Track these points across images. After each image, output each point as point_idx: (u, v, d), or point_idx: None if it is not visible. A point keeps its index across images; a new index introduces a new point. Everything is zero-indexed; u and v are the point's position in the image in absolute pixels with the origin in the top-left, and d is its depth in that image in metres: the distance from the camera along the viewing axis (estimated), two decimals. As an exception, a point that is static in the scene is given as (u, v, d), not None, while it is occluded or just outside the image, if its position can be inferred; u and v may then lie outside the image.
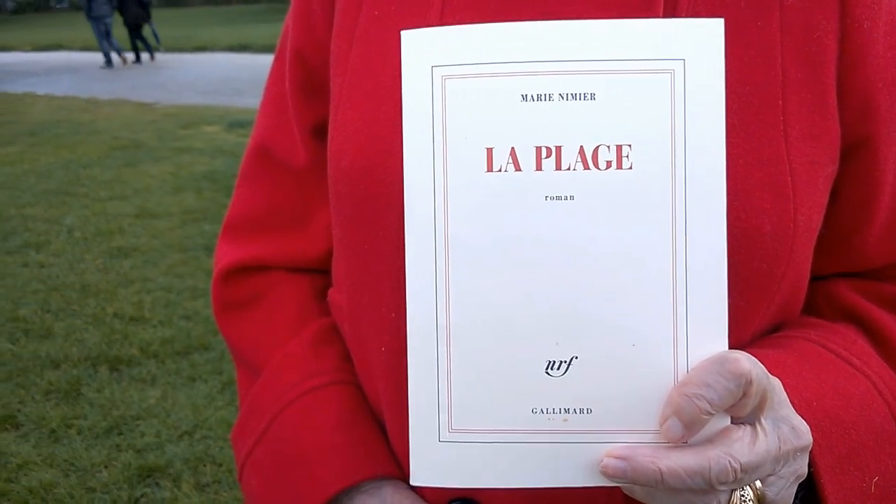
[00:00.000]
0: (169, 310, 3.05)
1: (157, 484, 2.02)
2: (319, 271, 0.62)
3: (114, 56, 13.46)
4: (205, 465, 2.08)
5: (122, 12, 13.20)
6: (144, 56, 13.92)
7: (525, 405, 0.40)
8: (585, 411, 0.39)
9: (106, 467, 2.10)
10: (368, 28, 0.49)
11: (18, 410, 2.39)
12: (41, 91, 10.25)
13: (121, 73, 12.01)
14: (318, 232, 0.60)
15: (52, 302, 3.19)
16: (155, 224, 4.15)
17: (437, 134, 0.39)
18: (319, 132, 0.57)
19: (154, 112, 7.99)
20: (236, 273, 0.61)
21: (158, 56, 14.47)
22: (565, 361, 0.39)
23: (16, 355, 2.74)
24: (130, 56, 13.77)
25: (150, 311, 3.04)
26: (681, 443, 0.38)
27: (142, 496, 1.98)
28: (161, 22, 26.48)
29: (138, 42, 13.72)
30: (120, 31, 13.85)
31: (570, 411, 0.39)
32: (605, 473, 0.39)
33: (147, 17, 13.72)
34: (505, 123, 0.39)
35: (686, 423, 0.37)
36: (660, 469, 0.37)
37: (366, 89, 0.48)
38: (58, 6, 47.75)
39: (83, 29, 23.54)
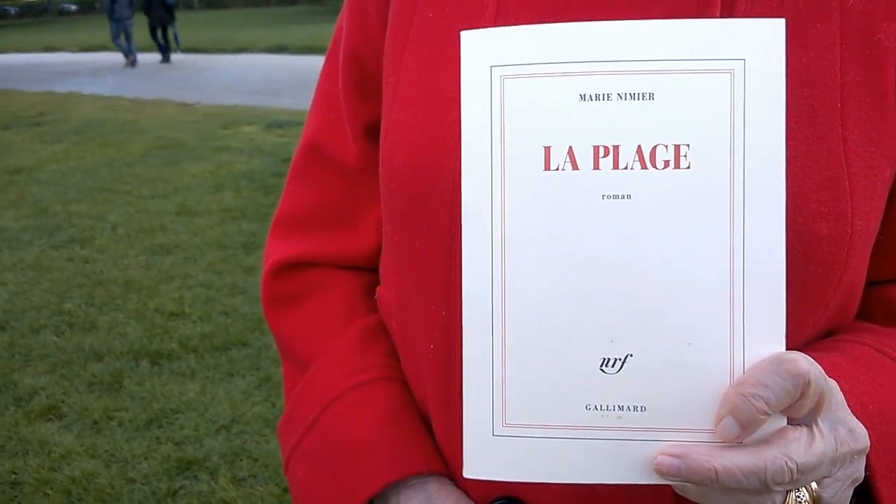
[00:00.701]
0: (208, 306, 3.11)
1: (195, 477, 2.06)
2: (367, 269, 0.63)
3: (121, 56, 13.99)
4: (241, 460, 2.11)
5: (147, 14, 13.67)
6: (149, 56, 14.31)
7: (579, 401, 0.40)
8: (640, 409, 0.40)
9: (146, 459, 2.15)
10: (423, 29, 0.50)
11: (62, 401, 2.46)
12: (87, 91, 10.52)
13: (164, 74, 12.26)
14: (367, 230, 0.60)
15: (96, 296, 3.27)
16: (195, 222, 4.23)
17: (495, 133, 0.40)
18: (371, 132, 0.57)
19: (195, 112, 8.14)
20: (286, 269, 0.62)
21: (197, 57, 14.77)
22: (620, 359, 0.40)
23: (60, 348, 2.82)
24: (143, 57, 14.21)
25: (190, 307, 3.10)
26: (736, 443, 0.38)
27: (180, 488, 2.02)
28: (202, 24, 26.99)
29: (160, 42, 14.19)
30: (141, 34, 14.24)
31: (625, 408, 0.40)
32: (659, 471, 0.39)
33: (171, 20, 14.17)
34: (563, 123, 0.39)
35: (742, 423, 0.37)
36: (715, 468, 0.37)
37: (419, 90, 0.49)
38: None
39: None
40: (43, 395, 2.48)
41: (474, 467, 0.42)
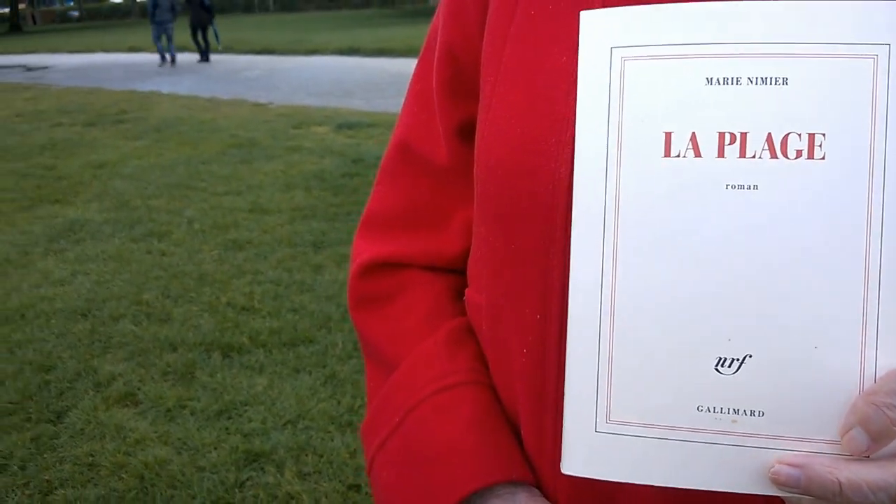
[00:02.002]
0: (277, 302, 3.17)
1: (261, 469, 2.10)
2: (455, 271, 0.62)
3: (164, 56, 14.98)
4: (307, 455, 2.13)
5: (190, 15, 14.59)
6: (184, 56, 15.22)
7: (691, 402, 0.38)
8: (757, 413, 0.37)
9: (215, 448, 2.20)
10: (523, 28, 0.49)
11: (138, 389, 2.54)
12: (166, 90, 10.93)
13: (239, 75, 12.63)
14: (457, 231, 0.60)
15: (172, 288, 3.38)
16: (266, 219, 4.33)
17: (613, 116, 0.38)
18: (464, 131, 0.56)
19: (268, 112, 8.35)
20: (373, 269, 0.62)
21: (274, 58, 15.28)
22: (738, 359, 0.37)
23: (138, 337, 2.92)
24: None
25: (260, 303, 3.16)
26: (863, 456, 0.35)
27: (247, 479, 2.06)
28: (276, 26, 27.72)
29: (200, 42, 14.94)
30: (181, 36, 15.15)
31: (740, 412, 0.37)
32: (776, 481, 0.36)
33: (210, 20, 14.92)
34: (686, 107, 0.37)
35: (872, 435, 0.34)
36: (839, 480, 0.34)
37: (519, 88, 0.48)
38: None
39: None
40: (120, 382, 2.58)
41: (573, 464, 0.40)
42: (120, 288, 3.43)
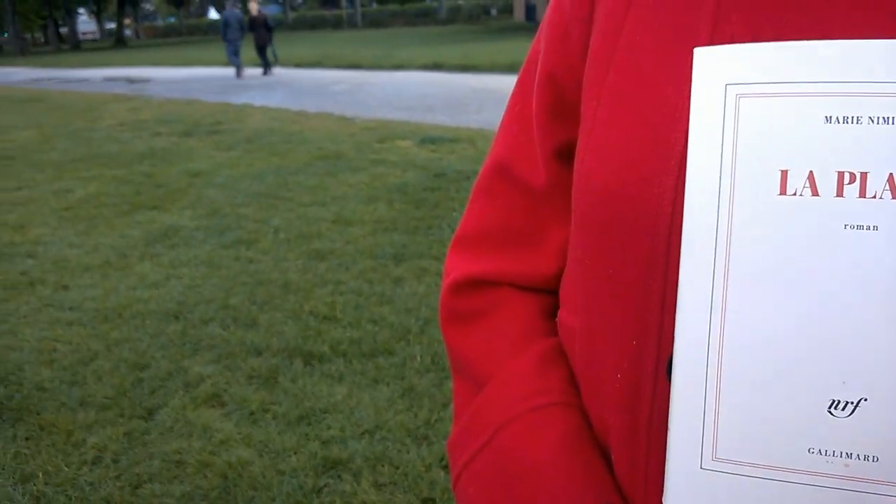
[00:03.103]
0: (358, 312, 3.23)
1: (339, 476, 2.14)
2: (548, 291, 0.62)
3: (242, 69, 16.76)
4: (383, 466, 2.16)
5: (253, 35, 16.42)
6: (247, 70, 17.03)
7: (801, 443, 0.37)
8: (871, 458, 0.36)
9: (295, 453, 2.25)
10: (629, 54, 0.49)
11: (224, 391, 2.64)
12: (258, 103, 11.38)
13: (327, 89, 13.02)
14: (551, 252, 0.60)
15: (258, 295, 3.50)
16: (350, 230, 4.43)
17: (726, 153, 0.38)
18: (563, 154, 0.57)
19: (354, 125, 8.56)
20: (466, 286, 0.62)
21: (361, 74, 15.77)
22: (852, 402, 0.36)
23: (225, 340, 3.04)
24: (253, 71, 17.02)
25: (342, 312, 3.24)
26: None
27: (325, 486, 2.10)
28: (364, 41, 28.44)
29: (263, 58, 16.64)
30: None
31: (853, 456, 0.36)
32: None
33: (269, 40, 16.55)
34: (804, 145, 0.36)
35: None
36: None
37: (622, 113, 0.48)
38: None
39: (298, 47, 25.85)
40: (208, 383, 2.68)
41: (676, 500, 0.40)
42: (209, 292, 3.58)
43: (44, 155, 7.81)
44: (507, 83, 13.14)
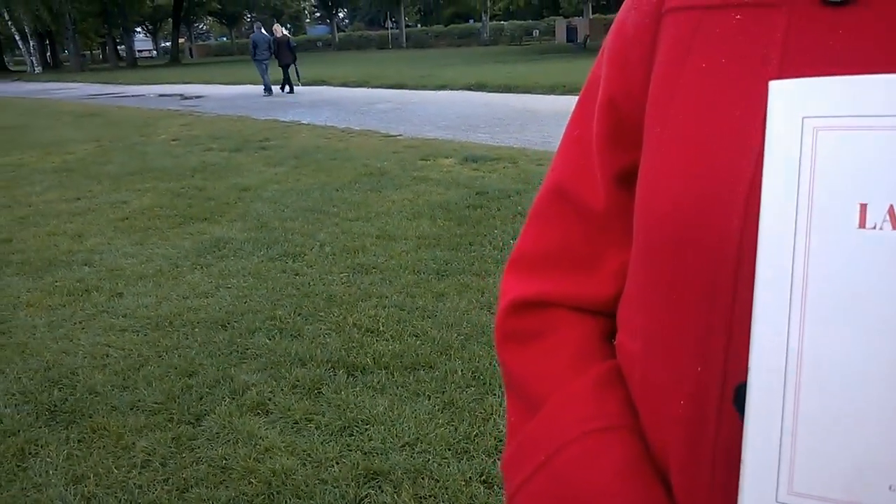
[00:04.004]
0: (400, 326, 3.26)
1: (379, 487, 2.15)
2: (605, 314, 0.62)
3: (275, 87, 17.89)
4: (423, 479, 2.17)
5: (277, 56, 17.50)
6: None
7: (883, 479, 0.36)
8: None
9: (337, 463, 2.28)
10: (694, 80, 0.49)
11: (269, 399, 2.69)
12: (305, 120, 11.61)
13: (372, 107, 13.20)
14: (609, 275, 0.60)
15: (304, 307, 3.56)
16: (393, 246, 4.47)
17: (803, 186, 0.38)
18: (624, 178, 0.57)
19: (398, 143, 8.66)
20: (523, 307, 0.63)
21: (405, 93, 16.00)
22: None
23: (271, 350, 3.10)
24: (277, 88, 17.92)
25: (384, 326, 3.27)
26: None
27: (366, 496, 2.12)
28: (409, 61, 28.77)
29: (287, 77, 17.67)
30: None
31: None
32: None
33: (293, 60, 17.59)
34: (884, 179, 0.36)
35: None
36: None
37: (687, 141, 0.48)
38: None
39: (344, 67, 26.28)
40: (254, 392, 2.74)
41: None
42: (257, 303, 3.65)
43: (101, 167, 8.08)
44: (548, 104, 13.15)
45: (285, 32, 18.27)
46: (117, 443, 2.45)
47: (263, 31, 18.20)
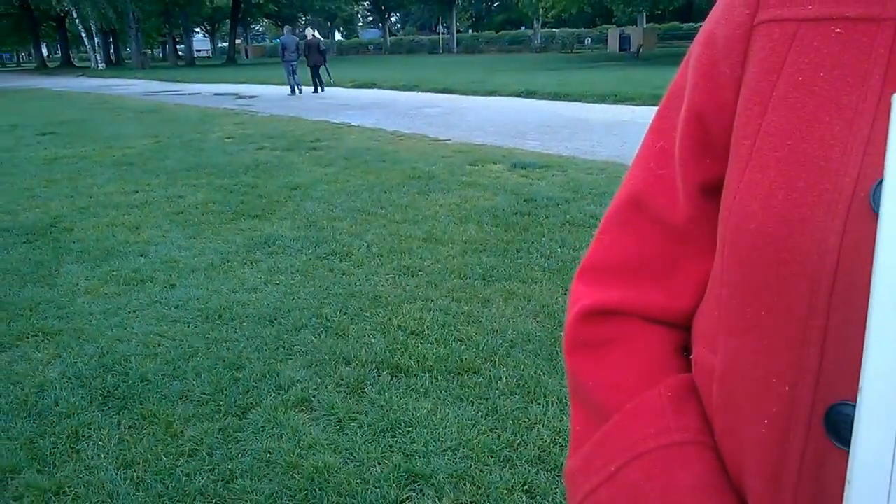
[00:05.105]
0: (445, 330, 3.26)
1: (420, 491, 2.15)
2: (679, 326, 0.61)
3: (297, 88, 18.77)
4: (465, 484, 2.16)
5: (307, 57, 18.41)
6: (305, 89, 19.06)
7: None
8: None
9: (379, 464, 2.29)
10: (790, 93, 0.48)
11: (314, 396, 2.71)
12: (355, 122, 11.74)
13: (420, 111, 13.28)
14: (685, 287, 0.60)
15: (349, 306, 3.59)
16: (439, 249, 4.48)
17: None
18: (708, 191, 0.57)
19: (446, 148, 8.69)
20: (595, 314, 0.62)
21: (454, 98, 16.04)
22: None
23: (316, 347, 3.13)
24: (308, 89, 18.91)
25: (429, 329, 3.27)
26: None
27: (407, 498, 2.12)
28: (459, 67, 28.87)
29: (316, 79, 18.67)
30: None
31: None
32: None
33: (323, 62, 18.55)
34: None
35: None
36: None
37: (782, 154, 0.47)
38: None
39: (394, 70, 26.49)
40: (298, 388, 2.77)
41: None
42: (303, 300, 3.70)
43: (159, 162, 8.31)
44: (599, 112, 13.04)
45: (316, 35, 19.20)
46: (166, 430, 2.51)
47: (293, 34, 19.30)
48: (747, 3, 0.52)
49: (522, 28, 60.73)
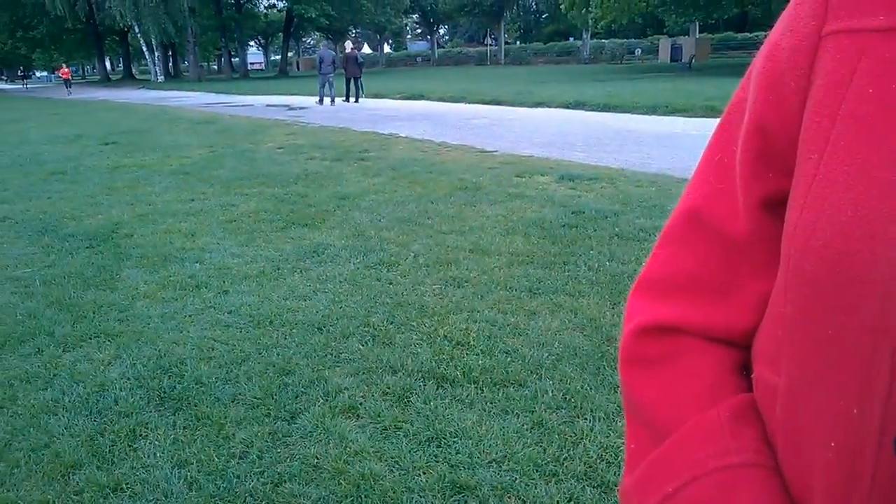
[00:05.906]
0: (491, 342, 3.27)
1: (465, 502, 2.16)
2: (739, 345, 0.60)
3: (327, 98, 19.84)
4: (510, 497, 2.16)
5: (345, 69, 19.86)
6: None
7: None
8: None
9: (423, 473, 2.31)
10: (860, 106, 0.47)
11: (360, 404, 2.75)
12: (403, 133, 11.86)
13: (468, 122, 13.34)
14: (746, 304, 0.58)
15: (396, 315, 3.63)
16: (486, 261, 4.50)
17: None
18: (770, 205, 0.56)
19: (493, 159, 8.71)
20: (652, 331, 0.62)
21: (502, 109, 16.09)
22: None
23: (363, 356, 3.18)
24: (339, 100, 19.83)
25: (475, 340, 3.29)
26: None
27: (451, 508, 2.14)
28: (506, 78, 28.91)
29: (350, 90, 19.90)
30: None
31: None
32: None
33: (359, 74, 19.87)
34: None
35: None
36: None
37: (850, 169, 0.47)
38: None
39: (441, 82, 26.64)
40: (346, 395, 2.81)
41: None
42: (351, 309, 3.75)
43: (213, 171, 8.55)
44: (649, 124, 12.85)
45: (354, 48, 20.78)
46: (219, 432, 2.58)
47: (330, 48, 20.71)
48: (814, 15, 0.51)
49: (571, 39, 60.50)
